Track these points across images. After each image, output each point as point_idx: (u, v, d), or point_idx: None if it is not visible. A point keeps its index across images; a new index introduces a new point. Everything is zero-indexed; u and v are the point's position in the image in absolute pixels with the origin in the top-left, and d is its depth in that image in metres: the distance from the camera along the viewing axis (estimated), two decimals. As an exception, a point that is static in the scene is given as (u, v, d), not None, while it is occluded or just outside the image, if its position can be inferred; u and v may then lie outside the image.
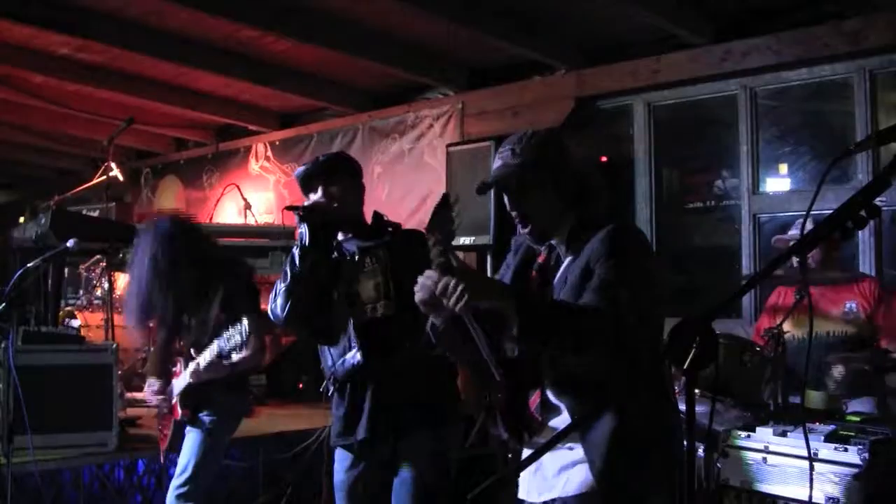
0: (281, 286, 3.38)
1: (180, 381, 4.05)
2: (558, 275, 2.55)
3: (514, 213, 2.61)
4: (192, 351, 4.01)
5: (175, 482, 3.98)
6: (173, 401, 4.10)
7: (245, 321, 3.63)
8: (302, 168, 3.50)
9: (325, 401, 3.75)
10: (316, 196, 3.44)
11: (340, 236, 3.52)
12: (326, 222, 3.42)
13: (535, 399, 2.50)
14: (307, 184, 3.48)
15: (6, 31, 6.32)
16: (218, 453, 4.12)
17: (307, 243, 3.36)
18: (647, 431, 2.42)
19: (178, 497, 3.93)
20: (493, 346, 2.46)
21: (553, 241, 2.61)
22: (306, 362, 6.52)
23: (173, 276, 4.04)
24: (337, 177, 3.46)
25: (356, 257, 3.44)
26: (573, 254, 2.52)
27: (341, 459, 3.50)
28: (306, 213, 3.38)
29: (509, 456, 2.60)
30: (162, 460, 4.36)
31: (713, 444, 3.88)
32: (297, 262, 3.36)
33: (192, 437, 4.02)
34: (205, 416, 4.02)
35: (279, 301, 3.38)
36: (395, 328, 3.31)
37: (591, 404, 2.43)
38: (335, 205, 3.42)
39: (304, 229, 3.37)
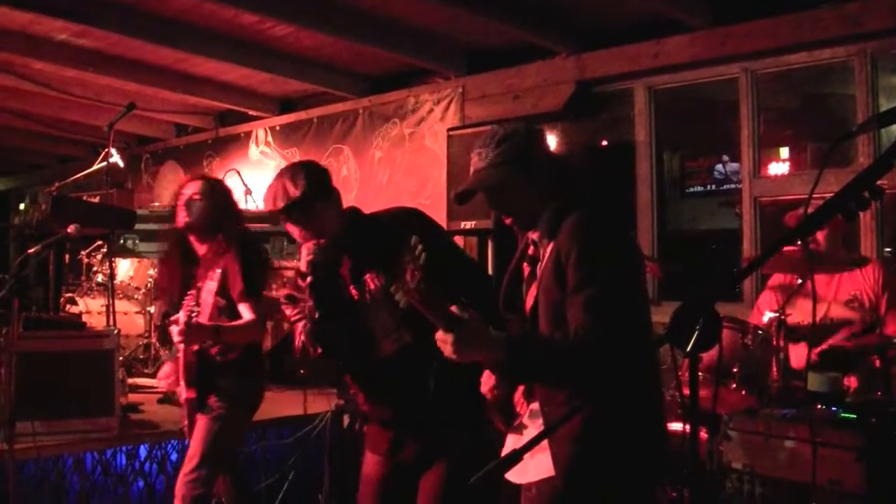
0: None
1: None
2: (543, 262, 2.54)
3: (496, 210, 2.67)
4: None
5: (185, 468, 3.97)
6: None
7: None
8: (266, 212, 3.18)
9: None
10: (293, 231, 3.19)
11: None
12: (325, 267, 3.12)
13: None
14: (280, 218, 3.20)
15: (5, 17, 6.31)
16: (229, 441, 4.11)
17: (319, 308, 3.12)
18: (616, 427, 2.42)
19: (188, 483, 3.93)
20: None
21: (538, 231, 2.59)
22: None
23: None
24: (309, 210, 3.13)
25: (364, 288, 3.18)
26: (552, 238, 2.51)
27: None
28: (313, 287, 3.09)
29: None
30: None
31: (716, 427, 3.89)
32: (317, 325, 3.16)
33: (202, 424, 4.01)
34: (213, 402, 4.02)
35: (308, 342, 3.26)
36: (416, 358, 3.05)
37: (559, 397, 2.46)
38: (320, 240, 3.13)
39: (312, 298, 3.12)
